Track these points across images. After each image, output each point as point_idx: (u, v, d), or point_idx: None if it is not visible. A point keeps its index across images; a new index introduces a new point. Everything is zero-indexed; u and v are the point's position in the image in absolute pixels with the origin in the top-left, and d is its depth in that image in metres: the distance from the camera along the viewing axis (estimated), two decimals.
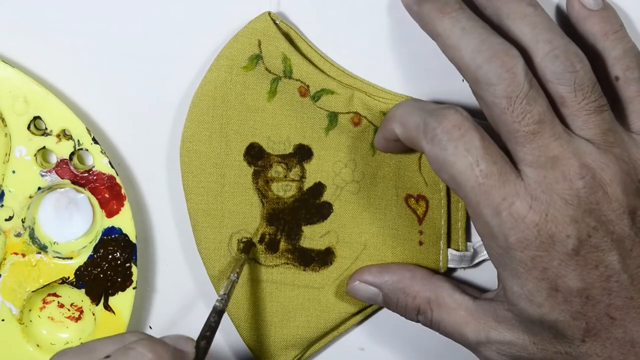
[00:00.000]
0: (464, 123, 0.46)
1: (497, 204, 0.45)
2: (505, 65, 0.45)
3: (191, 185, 0.53)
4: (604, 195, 0.46)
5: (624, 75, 0.49)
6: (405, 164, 0.53)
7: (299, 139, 0.53)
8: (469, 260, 0.54)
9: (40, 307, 0.55)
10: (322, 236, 0.54)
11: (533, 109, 0.45)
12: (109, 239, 0.53)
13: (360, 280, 0.53)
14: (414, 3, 0.48)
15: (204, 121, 0.52)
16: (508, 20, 0.47)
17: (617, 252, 0.46)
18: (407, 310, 0.52)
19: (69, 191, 0.54)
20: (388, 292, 0.52)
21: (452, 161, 0.46)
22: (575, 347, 0.47)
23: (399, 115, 0.49)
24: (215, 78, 0.52)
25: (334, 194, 0.53)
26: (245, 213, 0.53)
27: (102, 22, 0.53)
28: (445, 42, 0.47)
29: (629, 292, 0.46)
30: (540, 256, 0.46)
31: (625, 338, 0.47)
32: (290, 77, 0.52)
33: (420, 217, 0.53)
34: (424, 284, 0.52)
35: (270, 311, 0.54)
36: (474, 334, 0.50)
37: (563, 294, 0.46)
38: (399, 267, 0.53)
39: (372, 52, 0.53)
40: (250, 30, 0.51)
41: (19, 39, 0.53)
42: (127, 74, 0.53)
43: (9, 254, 0.53)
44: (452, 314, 0.51)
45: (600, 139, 0.47)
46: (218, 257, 0.53)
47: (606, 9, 0.50)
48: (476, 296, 0.51)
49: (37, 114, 0.52)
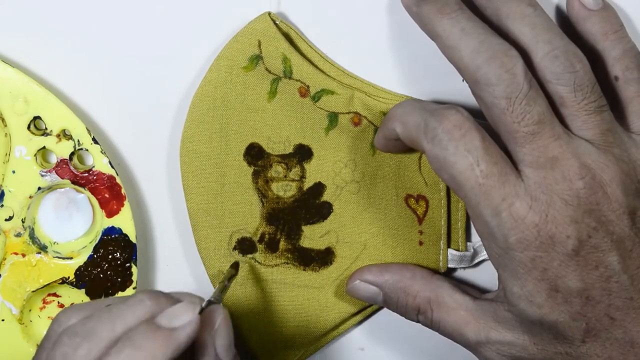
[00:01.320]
0: (465, 123, 0.46)
1: (497, 204, 0.45)
2: (505, 66, 0.45)
3: (191, 185, 0.53)
4: (604, 196, 0.46)
5: (624, 76, 0.49)
6: (405, 164, 0.53)
7: (299, 139, 0.53)
8: (469, 260, 0.54)
9: (40, 307, 0.55)
10: (322, 236, 0.54)
11: (532, 110, 0.45)
12: (109, 239, 0.53)
13: (361, 279, 0.53)
14: (413, 4, 0.48)
15: (204, 121, 0.52)
16: (508, 20, 0.47)
17: (617, 252, 0.46)
18: (407, 310, 0.52)
19: (69, 191, 0.54)
20: (388, 292, 0.52)
21: (452, 161, 0.46)
22: (575, 348, 0.47)
23: (400, 115, 0.49)
24: (216, 78, 0.52)
25: (334, 194, 0.53)
26: (245, 212, 0.53)
27: (102, 22, 0.53)
28: (444, 43, 0.47)
29: (629, 293, 0.46)
30: (540, 257, 0.46)
31: (625, 338, 0.47)
32: (290, 77, 0.52)
33: (420, 217, 0.53)
34: (425, 284, 0.52)
35: (270, 311, 0.54)
36: (474, 334, 0.50)
37: (563, 295, 0.46)
38: (399, 267, 0.53)
39: (372, 52, 0.53)
40: (250, 30, 0.51)
41: (19, 39, 0.53)
42: (127, 74, 0.53)
43: (9, 254, 0.53)
44: (452, 314, 0.51)
45: (599, 140, 0.47)
46: (218, 256, 0.53)
47: (606, 9, 0.50)
48: (476, 296, 0.51)
49: (37, 114, 0.52)
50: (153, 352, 0.41)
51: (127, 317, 0.43)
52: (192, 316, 0.43)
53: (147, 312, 0.43)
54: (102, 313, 0.43)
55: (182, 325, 0.42)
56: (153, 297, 0.44)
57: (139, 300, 0.44)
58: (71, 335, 0.43)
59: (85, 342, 0.42)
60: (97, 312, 0.44)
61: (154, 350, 0.41)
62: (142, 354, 0.41)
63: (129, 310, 0.43)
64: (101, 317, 0.43)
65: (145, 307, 0.43)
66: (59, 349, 0.42)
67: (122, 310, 0.43)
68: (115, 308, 0.43)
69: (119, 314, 0.43)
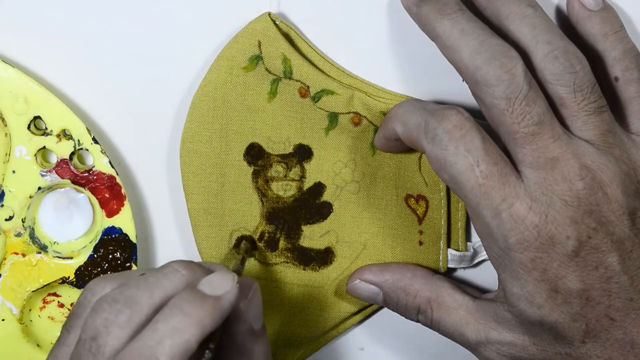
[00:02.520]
0: (465, 123, 0.46)
1: (497, 204, 0.46)
2: (504, 67, 0.45)
3: (191, 184, 0.53)
4: (604, 197, 0.46)
5: (624, 76, 0.49)
6: (405, 164, 0.53)
7: (299, 139, 0.53)
8: (469, 260, 0.54)
9: (40, 307, 0.55)
10: (322, 236, 0.54)
11: (532, 110, 0.45)
12: (109, 238, 0.53)
13: (361, 278, 0.53)
14: (413, 4, 0.48)
15: (204, 121, 0.52)
16: (507, 21, 0.47)
17: (617, 253, 0.46)
18: (407, 310, 0.52)
19: (69, 191, 0.54)
20: (388, 291, 0.52)
21: (452, 161, 0.46)
22: (575, 348, 0.47)
23: (400, 115, 0.49)
24: (216, 78, 0.52)
25: (334, 194, 0.53)
26: (244, 211, 0.53)
27: (102, 22, 0.53)
28: (444, 43, 0.47)
29: (629, 294, 0.46)
30: (540, 257, 0.46)
31: (625, 339, 0.47)
32: (290, 77, 0.52)
33: (420, 217, 0.53)
34: (425, 284, 0.52)
35: (269, 310, 0.54)
36: (474, 334, 0.50)
37: (563, 296, 0.46)
38: (399, 267, 0.53)
39: (372, 52, 0.53)
40: (250, 30, 0.51)
41: (19, 39, 0.53)
42: (128, 74, 0.53)
43: (9, 253, 0.53)
44: (452, 314, 0.51)
45: (599, 140, 0.47)
46: (218, 256, 0.53)
47: (606, 10, 0.49)
48: (476, 296, 0.51)
49: (37, 114, 0.52)
50: (201, 319, 0.42)
51: (164, 285, 0.44)
52: (233, 284, 0.44)
53: (183, 280, 0.44)
54: (139, 281, 0.44)
55: (225, 293, 0.43)
56: (187, 267, 0.45)
57: (174, 269, 0.45)
58: (111, 302, 0.43)
59: (126, 308, 0.43)
60: (132, 280, 0.44)
61: (202, 317, 0.42)
62: (191, 320, 0.42)
63: (166, 279, 0.44)
64: (139, 285, 0.44)
65: (181, 276, 0.44)
66: (100, 315, 0.43)
67: (159, 279, 0.44)
68: (152, 277, 0.44)
69: (156, 282, 0.44)
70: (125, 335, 0.42)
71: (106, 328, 0.43)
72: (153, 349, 0.41)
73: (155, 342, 0.41)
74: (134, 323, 0.43)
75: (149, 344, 0.41)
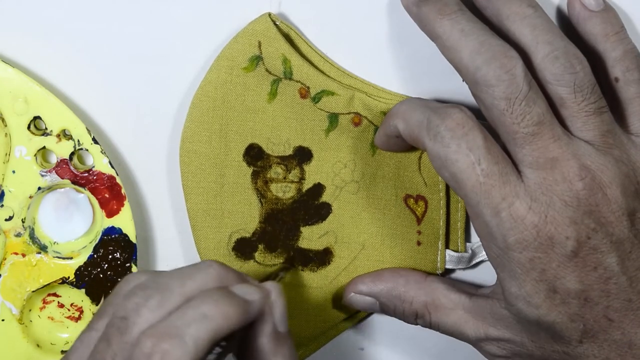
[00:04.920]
0: (468, 122, 0.46)
1: (497, 204, 0.46)
2: (504, 67, 0.45)
3: (191, 185, 0.53)
4: (604, 197, 0.46)
5: (624, 77, 0.49)
6: (405, 164, 0.53)
7: (299, 141, 0.53)
8: (467, 261, 0.54)
9: (40, 307, 0.55)
10: (321, 237, 0.54)
11: (532, 111, 0.45)
12: (109, 239, 0.53)
13: (355, 291, 0.53)
14: (413, 4, 0.48)
15: (204, 122, 0.52)
16: (508, 21, 0.47)
17: (616, 254, 0.46)
18: (406, 316, 0.52)
19: (69, 191, 0.54)
20: (384, 301, 0.53)
21: (454, 159, 0.46)
22: (572, 348, 0.47)
23: (403, 112, 0.49)
24: (216, 79, 0.52)
25: (333, 194, 0.53)
26: (243, 212, 0.53)
27: (102, 22, 0.53)
28: (444, 44, 0.47)
29: (628, 295, 0.46)
30: (539, 257, 0.46)
31: (623, 340, 0.47)
32: (290, 78, 0.52)
33: (419, 218, 0.53)
34: (419, 289, 0.52)
35: None
36: (474, 331, 0.50)
37: (561, 296, 0.46)
38: (392, 275, 0.53)
39: (372, 52, 0.53)
40: (250, 31, 0.51)
41: (19, 39, 0.53)
42: (127, 74, 0.53)
43: (9, 254, 0.53)
44: (450, 315, 0.51)
45: (599, 141, 0.46)
46: (217, 256, 0.53)
47: (607, 10, 0.49)
48: (472, 292, 0.51)
49: (37, 114, 0.52)
50: (228, 312, 0.43)
51: (197, 278, 0.44)
52: (263, 294, 0.45)
53: (216, 276, 0.45)
54: (172, 272, 0.45)
55: (255, 300, 0.44)
56: (221, 266, 0.45)
57: (208, 264, 0.45)
58: (143, 287, 0.44)
59: (157, 293, 0.43)
60: (166, 272, 0.45)
61: (229, 311, 0.43)
62: (220, 310, 0.42)
63: (199, 272, 0.45)
64: (172, 275, 0.45)
65: (214, 271, 0.45)
66: (132, 299, 0.43)
67: (193, 272, 0.45)
68: (186, 268, 0.45)
69: (190, 274, 0.44)
70: (154, 318, 0.43)
71: (136, 310, 0.43)
72: (179, 329, 0.42)
73: (182, 323, 0.42)
74: (163, 308, 0.43)
75: (176, 324, 0.42)
